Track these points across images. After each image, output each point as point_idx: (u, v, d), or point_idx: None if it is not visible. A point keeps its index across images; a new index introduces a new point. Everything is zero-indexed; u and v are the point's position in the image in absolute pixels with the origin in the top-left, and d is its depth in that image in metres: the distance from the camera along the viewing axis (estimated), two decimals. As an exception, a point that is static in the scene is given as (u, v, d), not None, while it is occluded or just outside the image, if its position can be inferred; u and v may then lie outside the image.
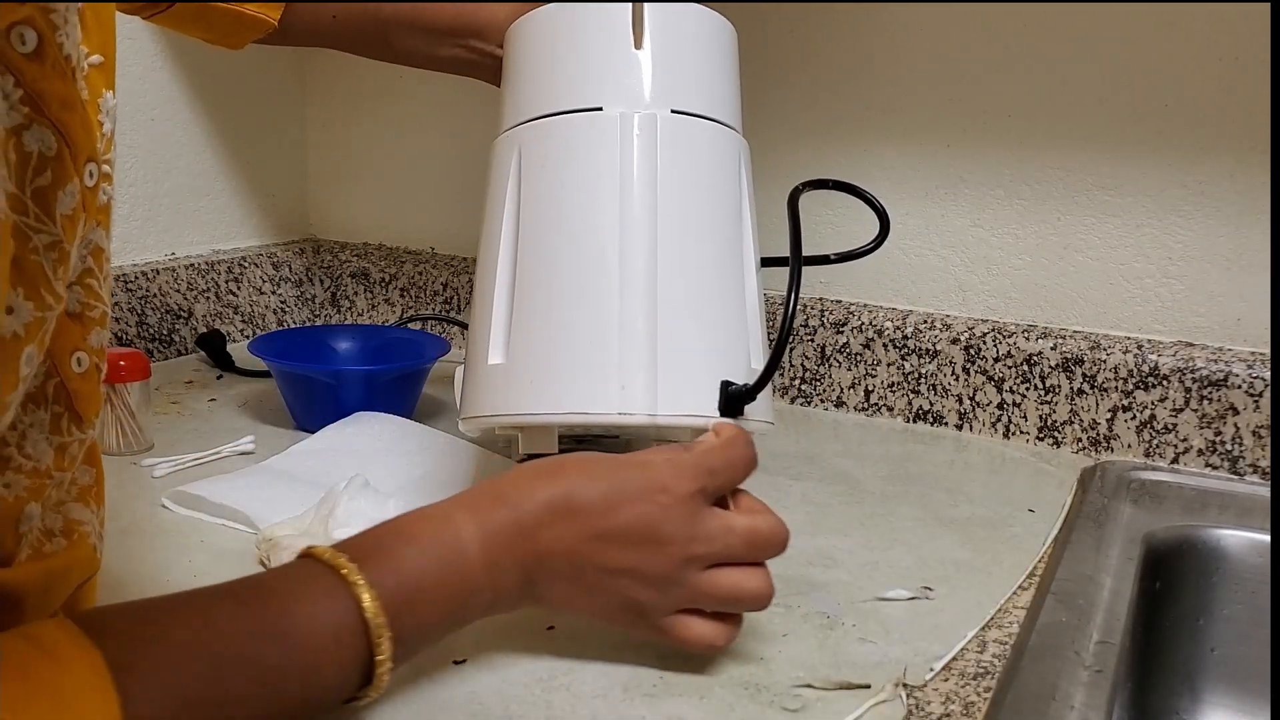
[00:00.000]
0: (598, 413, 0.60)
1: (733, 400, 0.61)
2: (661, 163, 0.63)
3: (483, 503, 0.51)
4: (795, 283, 0.61)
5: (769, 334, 0.67)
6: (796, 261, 0.62)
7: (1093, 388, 0.89)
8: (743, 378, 0.62)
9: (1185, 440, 0.85)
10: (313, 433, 0.84)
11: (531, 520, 0.50)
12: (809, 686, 0.54)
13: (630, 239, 0.62)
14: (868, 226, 0.73)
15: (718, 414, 0.61)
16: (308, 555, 0.48)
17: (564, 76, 0.65)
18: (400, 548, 0.48)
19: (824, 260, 0.73)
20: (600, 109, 0.63)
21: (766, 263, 0.70)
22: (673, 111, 0.64)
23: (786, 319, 0.59)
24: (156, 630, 0.42)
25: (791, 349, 1.00)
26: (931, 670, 0.56)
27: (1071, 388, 0.89)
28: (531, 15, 0.68)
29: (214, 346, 1.09)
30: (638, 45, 0.64)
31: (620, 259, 0.61)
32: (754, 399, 0.61)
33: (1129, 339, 0.89)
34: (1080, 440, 0.90)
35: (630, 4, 0.64)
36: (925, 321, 0.96)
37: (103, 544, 0.52)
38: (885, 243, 0.70)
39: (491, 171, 0.68)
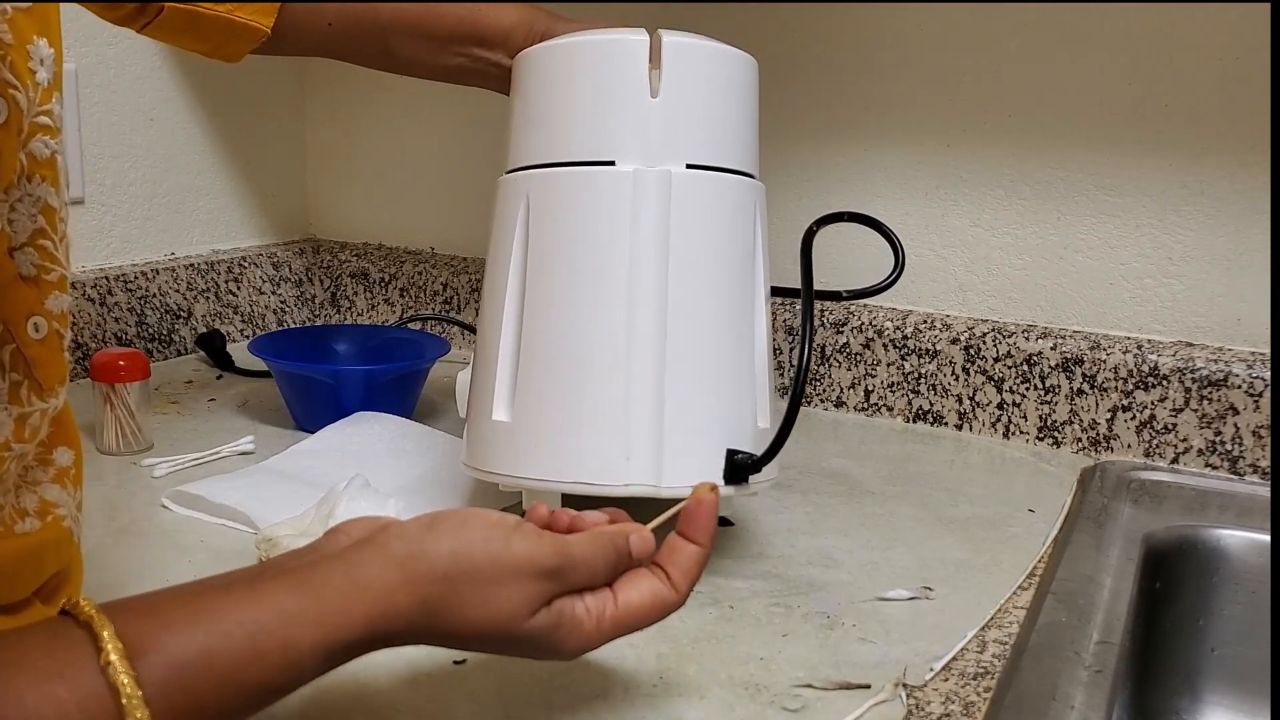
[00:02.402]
0: (603, 484, 0.59)
1: (738, 470, 0.61)
2: (674, 223, 0.61)
3: (308, 597, 0.40)
4: (807, 339, 0.59)
5: (778, 376, 0.67)
6: (808, 317, 0.60)
7: (1093, 388, 0.89)
8: (749, 439, 0.62)
9: (1185, 440, 0.85)
10: (313, 433, 0.84)
11: (389, 631, 0.41)
12: (809, 686, 0.54)
13: (640, 304, 0.60)
14: (870, 245, 0.73)
15: (722, 484, 0.60)
16: (66, 612, 0.38)
17: (576, 123, 0.63)
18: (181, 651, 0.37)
19: (834, 296, 0.70)
20: (613, 163, 0.61)
21: (775, 292, 0.69)
22: (688, 166, 0.62)
23: (797, 388, 0.58)
24: None
25: (791, 349, 1.00)
26: (931, 670, 0.56)
27: (1071, 388, 0.89)
28: (546, 48, 0.65)
29: (214, 346, 1.09)
30: (654, 94, 0.62)
31: (629, 325, 0.60)
32: (759, 471, 0.61)
33: (1129, 339, 0.89)
34: (1080, 440, 0.90)
35: (647, 45, 0.62)
36: (925, 321, 0.96)
37: (79, 528, 0.52)
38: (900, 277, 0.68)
39: (497, 211, 0.66)
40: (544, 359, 0.61)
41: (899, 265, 0.68)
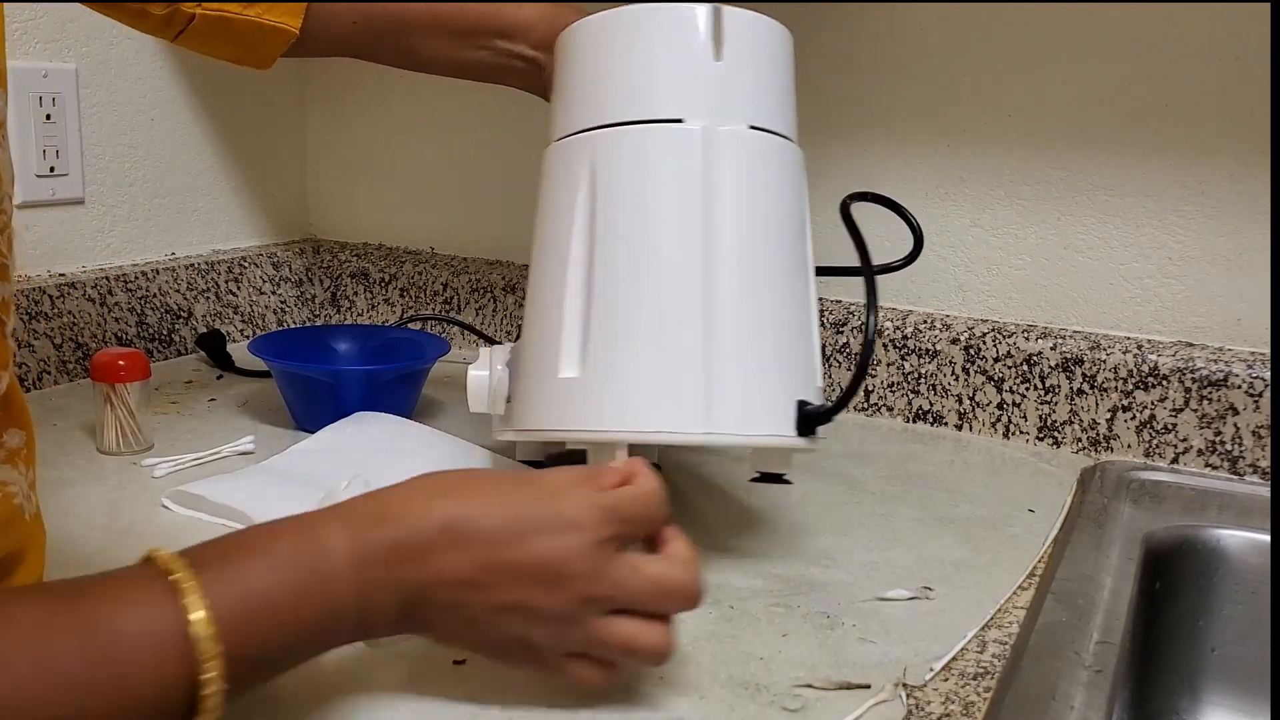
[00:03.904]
0: (685, 432, 0.60)
1: (808, 420, 0.62)
2: (744, 180, 0.62)
3: (362, 517, 0.46)
4: (873, 300, 0.61)
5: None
6: (870, 277, 0.61)
7: (1093, 388, 0.89)
8: (813, 393, 0.63)
9: (1185, 440, 0.85)
10: (313, 433, 0.84)
11: (419, 542, 0.45)
12: (809, 686, 0.54)
13: (715, 258, 0.61)
14: (880, 229, 0.73)
15: (795, 434, 0.61)
16: (148, 558, 0.43)
17: (640, 84, 0.64)
18: (250, 559, 0.43)
19: (855, 271, 0.71)
20: (681, 121, 0.62)
21: (820, 272, 0.70)
22: (750, 127, 0.64)
23: (868, 339, 0.59)
24: None
25: (791, 349, 1.00)
26: (931, 670, 0.56)
27: (1071, 388, 0.89)
28: (598, 18, 0.66)
29: (214, 346, 1.09)
30: (717, 56, 0.63)
31: (705, 277, 0.61)
32: (830, 420, 0.62)
33: (1129, 339, 0.89)
34: (1080, 440, 0.90)
35: (707, 10, 0.63)
36: (925, 321, 0.96)
37: (31, 505, 0.52)
38: (918, 258, 0.71)
39: (553, 176, 0.66)
40: (619, 313, 0.61)
41: (917, 244, 0.71)
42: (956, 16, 0.92)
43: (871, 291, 0.61)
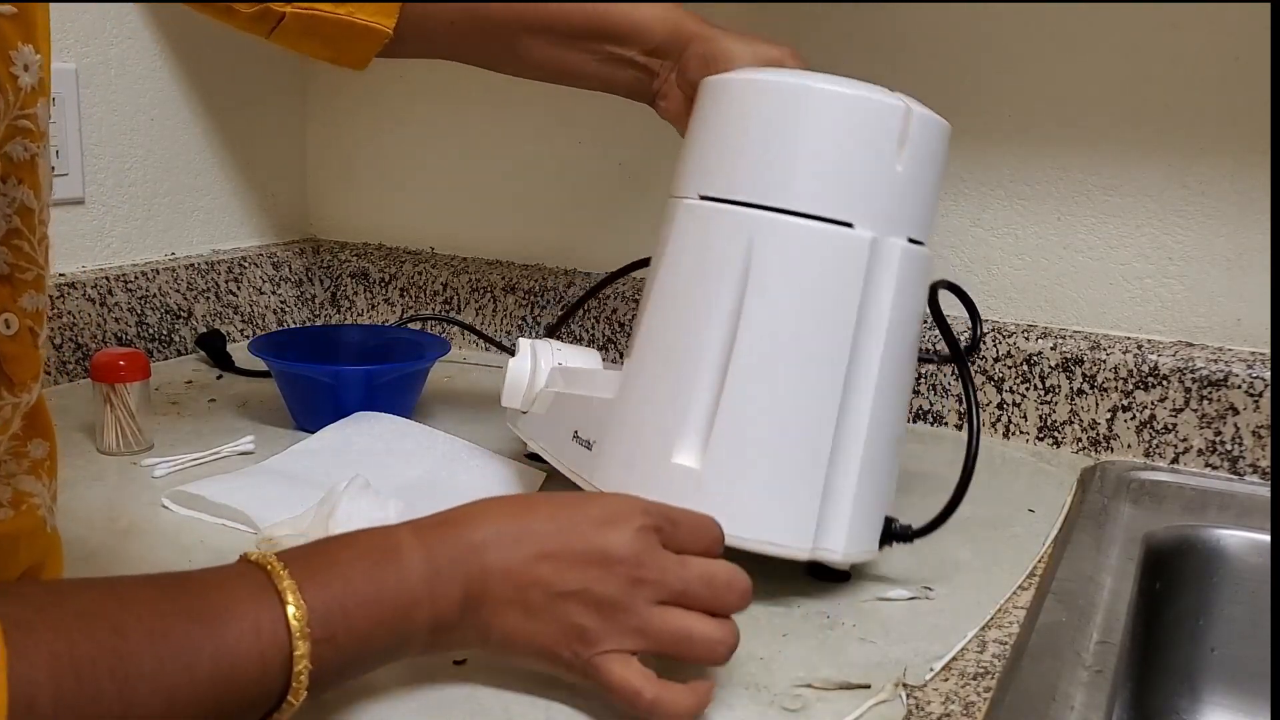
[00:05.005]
0: (792, 547, 0.59)
1: (889, 536, 0.64)
2: (896, 300, 0.61)
3: (429, 521, 0.50)
4: (974, 414, 0.64)
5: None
6: (966, 369, 0.66)
7: (1092, 388, 0.89)
8: (891, 505, 0.65)
9: (1185, 440, 0.85)
10: (313, 433, 0.84)
11: (479, 540, 0.49)
12: (809, 686, 0.54)
13: (857, 377, 0.60)
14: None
15: (877, 548, 0.63)
16: (242, 558, 0.47)
17: (821, 175, 0.60)
18: (335, 552, 0.47)
19: (942, 359, 0.74)
20: (850, 225, 0.60)
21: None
22: (909, 240, 0.62)
23: (968, 463, 0.63)
24: (61, 597, 0.41)
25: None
26: (931, 670, 0.56)
27: (1071, 388, 0.89)
28: (784, 82, 0.61)
29: (214, 346, 1.09)
30: (898, 162, 0.60)
31: (844, 396, 0.60)
32: (910, 541, 0.64)
33: (1129, 339, 0.89)
34: (1080, 440, 0.90)
35: (905, 109, 0.61)
36: (925, 321, 0.95)
37: (53, 517, 0.53)
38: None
39: (696, 237, 0.62)
40: (750, 413, 0.60)
41: (977, 332, 0.73)
42: (956, 16, 0.92)
43: (969, 388, 0.65)
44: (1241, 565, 0.75)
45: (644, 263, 0.77)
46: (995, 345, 0.92)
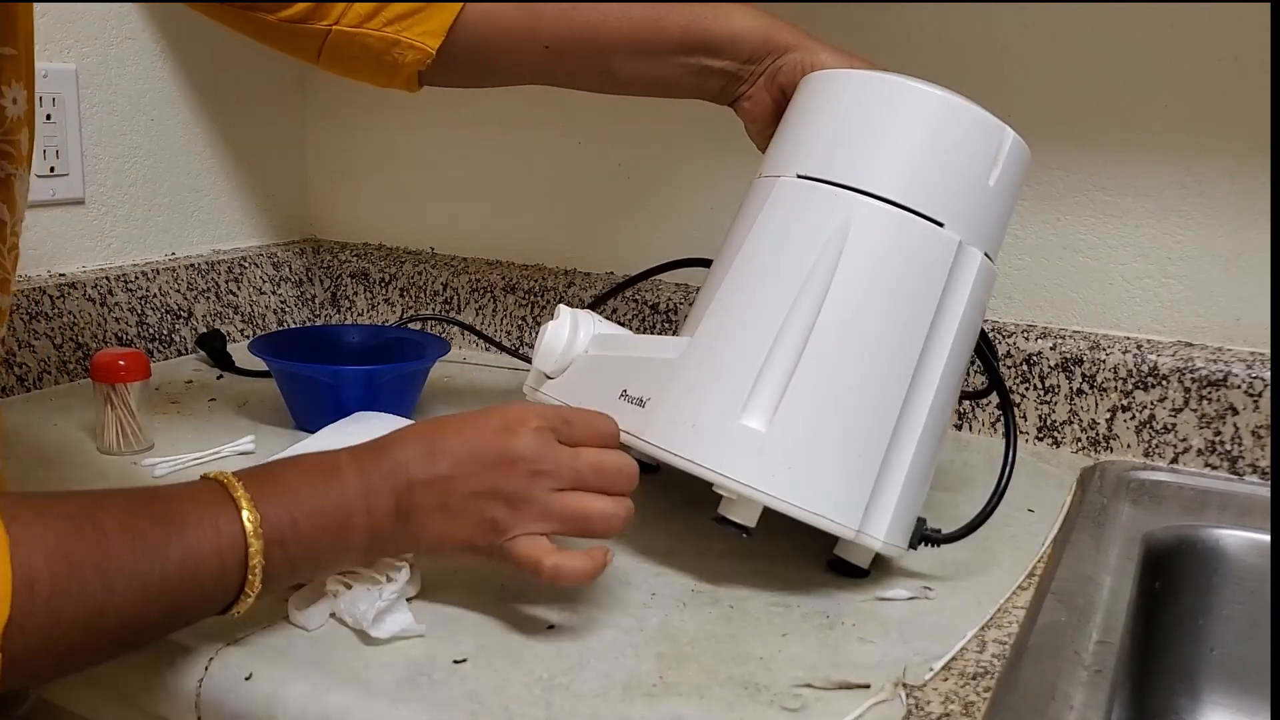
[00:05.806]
0: (841, 524, 0.60)
1: (921, 539, 0.65)
2: (969, 305, 0.63)
3: (362, 449, 0.56)
4: (1011, 441, 0.68)
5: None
6: (1007, 399, 0.69)
7: (1092, 388, 0.89)
8: (923, 506, 0.66)
9: (1185, 440, 0.86)
10: (313, 433, 0.84)
11: (403, 458, 0.55)
12: (809, 686, 0.54)
13: (925, 372, 0.62)
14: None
15: (906, 546, 0.64)
16: (203, 477, 0.54)
17: (926, 171, 0.63)
18: (283, 470, 0.54)
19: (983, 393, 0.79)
20: (942, 225, 0.62)
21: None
22: (985, 255, 0.64)
23: (1001, 483, 0.67)
24: (51, 502, 0.47)
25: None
26: (931, 670, 0.56)
27: (1071, 388, 0.89)
28: (904, 86, 0.64)
29: (214, 346, 1.09)
30: (990, 179, 0.64)
31: (911, 389, 0.62)
32: (938, 546, 0.66)
33: (1129, 339, 0.89)
34: (1080, 440, 0.90)
35: (1011, 137, 0.64)
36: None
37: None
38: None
39: (789, 208, 0.64)
40: (824, 389, 0.61)
41: (1002, 392, 0.73)
42: (956, 16, 0.92)
43: (1009, 418, 0.68)
44: (1241, 565, 0.75)
45: (696, 261, 0.80)
46: (995, 345, 0.92)
